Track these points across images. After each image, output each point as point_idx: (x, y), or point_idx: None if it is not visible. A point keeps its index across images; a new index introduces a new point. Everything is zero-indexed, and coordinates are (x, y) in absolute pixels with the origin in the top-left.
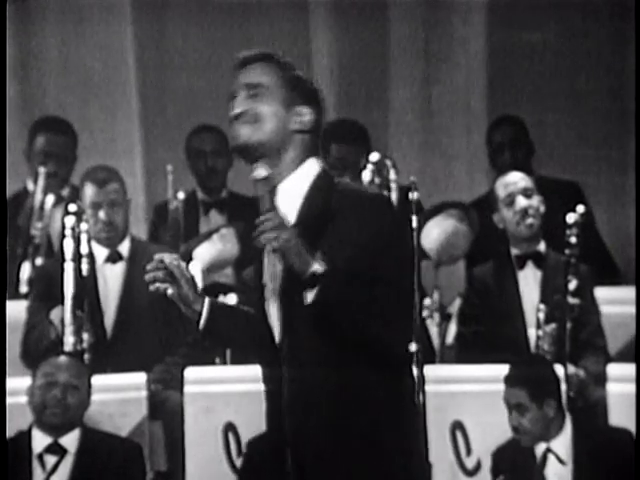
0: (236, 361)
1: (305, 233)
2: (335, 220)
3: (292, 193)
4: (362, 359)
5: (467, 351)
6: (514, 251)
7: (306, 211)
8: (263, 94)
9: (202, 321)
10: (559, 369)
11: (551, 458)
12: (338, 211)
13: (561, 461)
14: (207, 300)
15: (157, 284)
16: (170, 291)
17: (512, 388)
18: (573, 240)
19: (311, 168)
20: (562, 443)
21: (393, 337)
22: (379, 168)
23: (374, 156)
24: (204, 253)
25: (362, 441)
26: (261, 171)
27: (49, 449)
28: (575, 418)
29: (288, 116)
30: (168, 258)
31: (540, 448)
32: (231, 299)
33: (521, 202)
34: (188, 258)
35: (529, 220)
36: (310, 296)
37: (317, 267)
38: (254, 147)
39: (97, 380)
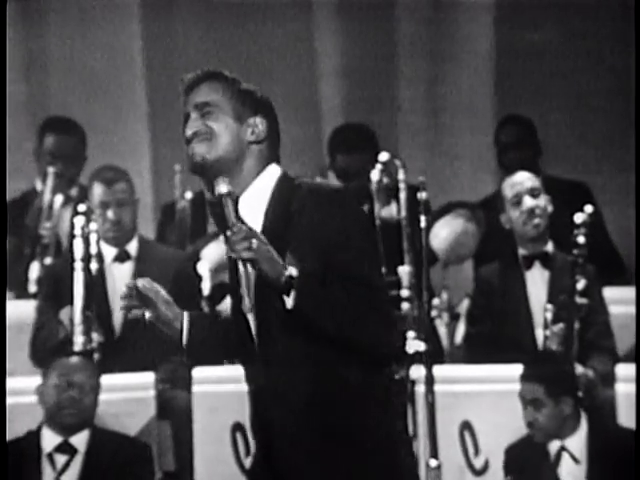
0: None
1: (272, 238)
2: (298, 220)
3: (254, 202)
4: (343, 360)
5: (475, 351)
6: (521, 251)
7: (270, 217)
8: (213, 112)
9: (184, 337)
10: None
11: (565, 456)
12: (300, 211)
13: (575, 460)
14: (186, 315)
15: (134, 311)
16: (148, 315)
17: (529, 384)
18: (581, 240)
19: (271, 174)
20: (577, 442)
21: (374, 334)
22: (388, 168)
23: (383, 156)
24: (212, 253)
25: (343, 441)
26: (222, 187)
27: (59, 448)
28: (590, 417)
29: (242, 129)
30: (140, 283)
31: (554, 446)
32: None
33: (528, 202)
34: (196, 258)
35: (536, 220)
36: (289, 301)
37: (291, 271)
38: (211, 164)
39: (106, 380)
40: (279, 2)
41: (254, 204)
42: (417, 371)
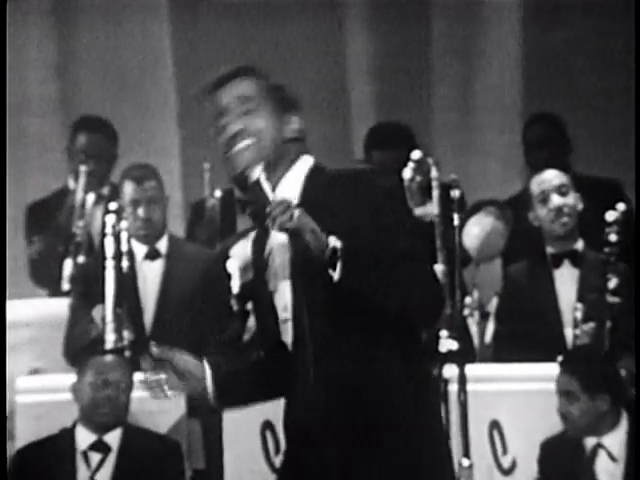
0: None
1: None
2: (330, 203)
3: (288, 192)
4: (387, 341)
5: (504, 350)
6: (549, 249)
7: (305, 201)
8: (255, 108)
9: (209, 387)
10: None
11: (602, 454)
12: (331, 194)
13: (613, 458)
14: (208, 373)
15: (157, 393)
16: (182, 390)
17: (564, 375)
18: (613, 238)
19: (304, 164)
20: (615, 440)
21: (421, 304)
22: (420, 166)
23: (416, 154)
24: (241, 251)
25: (384, 428)
26: (257, 171)
27: (94, 446)
28: (630, 416)
29: (281, 127)
30: (154, 350)
31: (590, 442)
32: None
33: (555, 200)
34: (225, 256)
35: (564, 219)
36: (336, 274)
37: (335, 242)
38: (256, 166)
39: (136, 377)
40: (310, 2)
41: (288, 192)
42: (449, 370)
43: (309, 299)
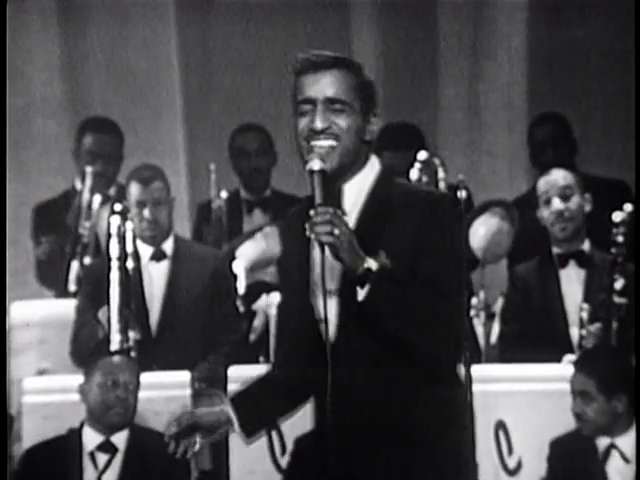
0: None
1: (366, 232)
2: (395, 218)
3: (355, 193)
4: (409, 360)
5: (509, 350)
6: (555, 250)
7: (368, 210)
8: (344, 110)
9: (236, 426)
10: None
11: (615, 454)
12: (397, 210)
13: (625, 459)
14: (228, 403)
15: (189, 449)
16: (197, 444)
17: (579, 374)
18: (620, 239)
19: (373, 167)
20: (628, 441)
21: (438, 345)
22: (427, 167)
23: (422, 155)
24: (247, 252)
25: (407, 442)
26: (315, 163)
27: (101, 447)
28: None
29: (363, 128)
30: (174, 429)
31: (603, 442)
32: (274, 298)
33: (556, 204)
34: (231, 257)
35: (562, 224)
36: (362, 294)
37: (371, 264)
38: (329, 173)
39: (143, 378)
40: (316, 1)
41: (355, 196)
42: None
43: (340, 312)
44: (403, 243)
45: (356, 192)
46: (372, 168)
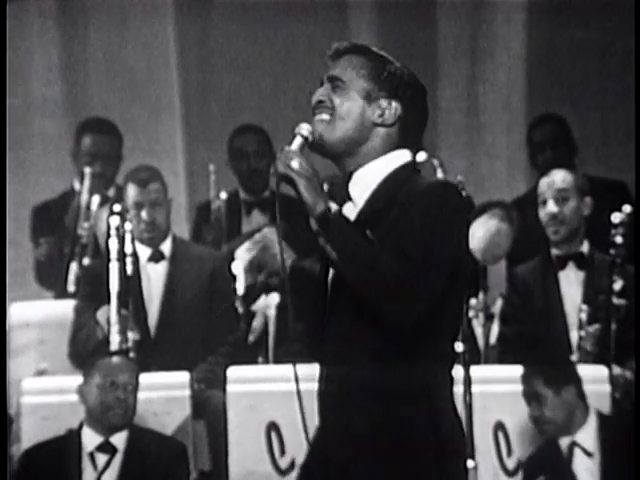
0: (279, 360)
1: (371, 218)
2: (399, 208)
3: (365, 180)
4: (378, 327)
5: (509, 351)
6: (554, 251)
7: (375, 197)
8: (342, 87)
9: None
10: (602, 370)
11: (577, 451)
12: (402, 200)
13: (588, 454)
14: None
15: None
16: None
17: (526, 378)
18: (619, 240)
19: (395, 159)
20: (588, 435)
21: (402, 312)
22: (426, 168)
23: (421, 155)
24: (247, 253)
25: (399, 437)
26: (303, 128)
27: (100, 448)
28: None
29: (369, 109)
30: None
31: (565, 442)
32: (273, 299)
33: (550, 207)
34: (230, 258)
35: (554, 226)
36: (313, 225)
37: (332, 205)
38: (330, 145)
39: (141, 379)
40: (315, 2)
41: (364, 182)
42: (455, 372)
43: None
44: (406, 231)
45: (368, 179)
46: (395, 159)
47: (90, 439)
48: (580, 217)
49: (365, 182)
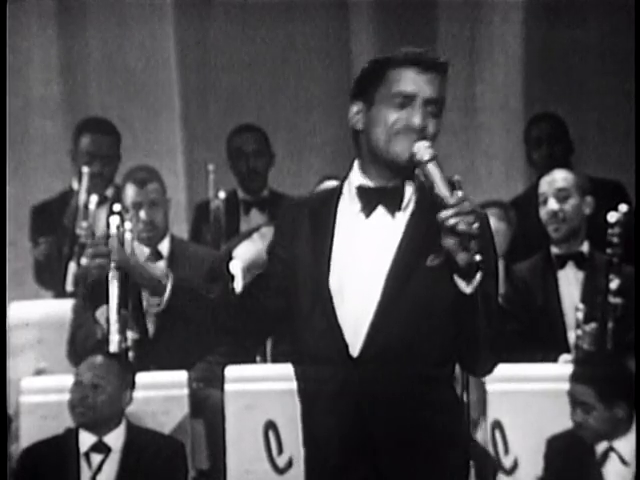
0: (277, 359)
1: (420, 227)
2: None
3: (411, 191)
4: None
5: (506, 350)
6: (554, 250)
7: (421, 208)
8: (437, 112)
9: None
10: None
11: (613, 457)
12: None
13: (624, 462)
14: (171, 277)
15: (98, 260)
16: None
17: (578, 384)
18: (615, 240)
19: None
20: (627, 443)
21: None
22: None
23: None
24: (245, 252)
25: (420, 437)
26: (425, 152)
27: (94, 448)
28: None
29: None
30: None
31: (602, 445)
32: None
33: (551, 204)
34: (229, 257)
35: (555, 224)
36: (472, 284)
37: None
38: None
39: (139, 377)
40: (315, 2)
41: (410, 193)
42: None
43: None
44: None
45: (411, 191)
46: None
47: (85, 439)
48: (581, 216)
49: (410, 192)
